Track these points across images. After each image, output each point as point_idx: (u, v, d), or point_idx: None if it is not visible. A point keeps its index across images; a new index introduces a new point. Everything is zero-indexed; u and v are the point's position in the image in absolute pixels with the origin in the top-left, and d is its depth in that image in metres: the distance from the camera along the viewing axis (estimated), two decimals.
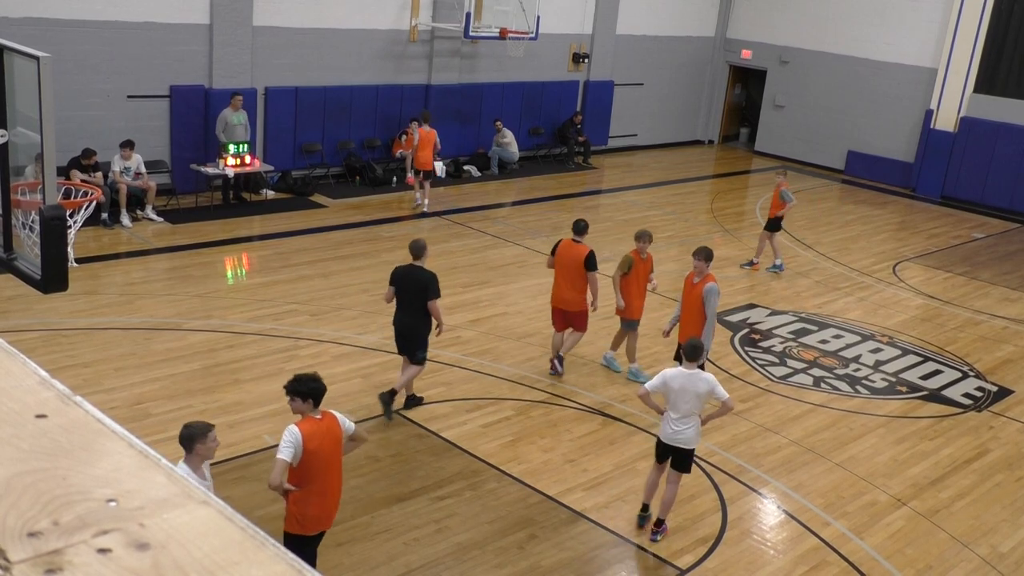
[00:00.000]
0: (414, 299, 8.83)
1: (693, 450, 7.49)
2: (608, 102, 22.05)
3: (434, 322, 8.91)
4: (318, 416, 5.90)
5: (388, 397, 8.95)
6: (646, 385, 7.52)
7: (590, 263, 9.79)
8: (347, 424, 6.06)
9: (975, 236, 18.25)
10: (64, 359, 9.46)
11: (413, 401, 9.26)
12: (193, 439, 5.40)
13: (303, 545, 5.98)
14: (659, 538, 7.49)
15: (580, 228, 9.95)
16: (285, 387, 6.01)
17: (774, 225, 14.47)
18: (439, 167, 18.54)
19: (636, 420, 9.44)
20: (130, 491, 0.98)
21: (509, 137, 19.36)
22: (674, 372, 7.38)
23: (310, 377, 5.96)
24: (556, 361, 10.13)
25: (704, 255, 9.09)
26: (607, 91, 21.96)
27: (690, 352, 7.37)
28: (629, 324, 10.32)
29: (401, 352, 9.11)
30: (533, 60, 19.60)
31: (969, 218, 19.65)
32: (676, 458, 7.43)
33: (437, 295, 8.83)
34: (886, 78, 21.74)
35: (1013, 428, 10.19)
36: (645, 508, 7.71)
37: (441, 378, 9.92)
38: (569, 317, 10.11)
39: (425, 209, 16.16)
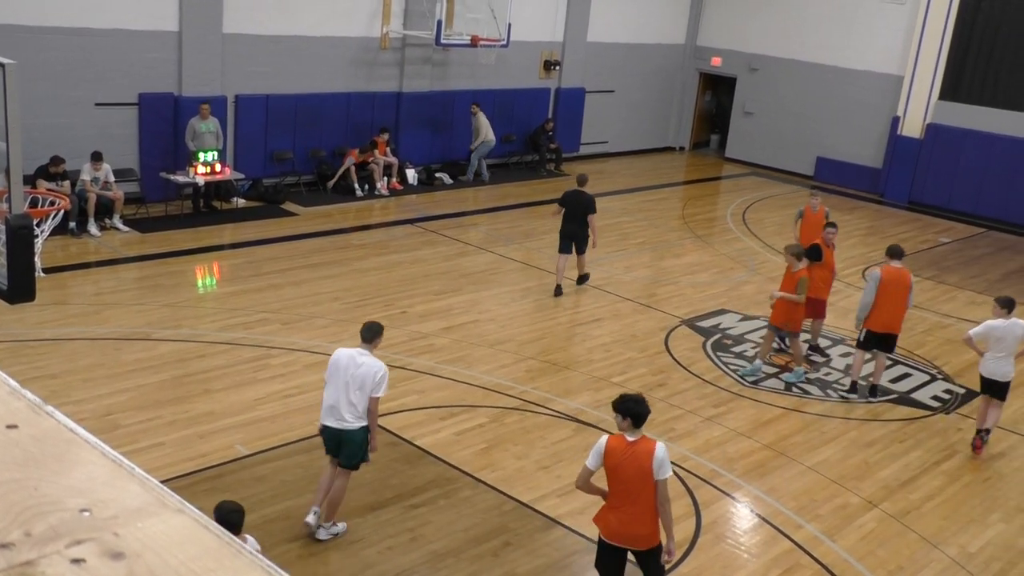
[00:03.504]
0: (579, 213, 12.52)
1: (1009, 383, 9.49)
2: (579, 109, 22.13)
3: (590, 232, 12.57)
4: (631, 439, 5.92)
5: (583, 279, 13.06)
6: (971, 332, 9.52)
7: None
8: (662, 468, 5.85)
9: (941, 240, 18.49)
10: (31, 370, 9.33)
11: (582, 280, 13.07)
12: None
13: (600, 549, 6.24)
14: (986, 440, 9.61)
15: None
16: (612, 403, 6.10)
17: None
18: (411, 174, 18.54)
19: (610, 426, 9.45)
20: (104, 500, 0.97)
21: (474, 123, 18.97)
22: (997, 323, 9.32)
23: (634, 399, 6.03)
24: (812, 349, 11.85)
25: (892, 252, 10.61)
26: (578, 98, 22.04)
27: (1008, 303, 9.37)
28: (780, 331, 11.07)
29: (566, 251, 12.72)
30: (504, 67, 19.64)
31: (935, 223, 19.91)
32: (996, 388, 9.48)
33: (595, 211, 12.59)
34: (854, 85, 21.99)
35: None
36: (980, 432, 9.60)
37: (414, 386, 9.90)
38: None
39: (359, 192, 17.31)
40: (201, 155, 14.79)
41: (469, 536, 7.39)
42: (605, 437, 6.09)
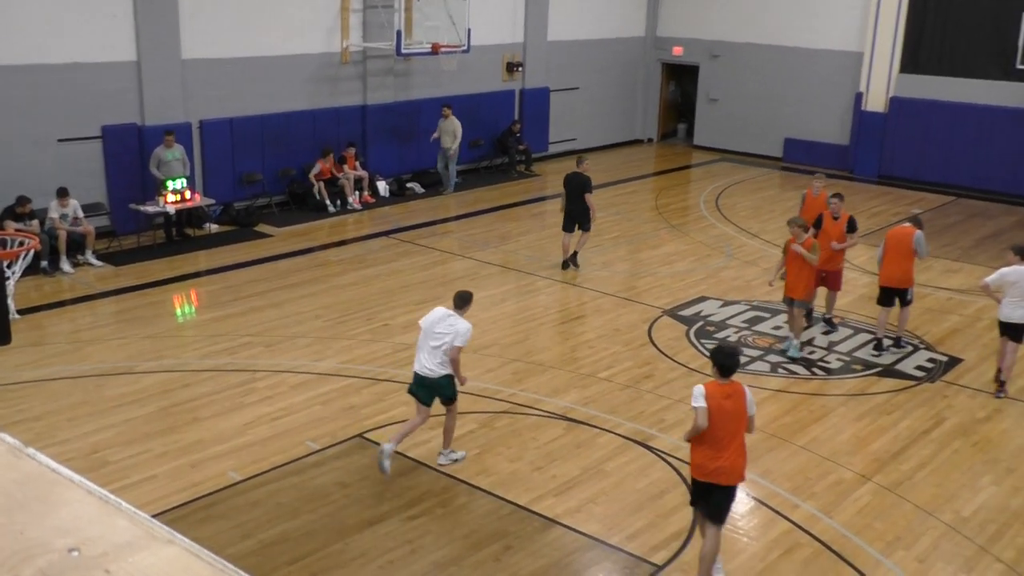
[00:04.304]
0: (576, 193, 13.71)
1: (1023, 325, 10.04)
2: (545, 108, 22.18)
3: (591, 208, 13.72)
4: (724, 383, 6.71)
5: (572, 260, 14.07)
6: (986, 279, 10.18)
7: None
8: (751, 405, 6.77)
9: (914, 212, 18.62)
10: (13, 414, 9.24)
11: (574, 262, 14.10)
12: None
13: (695, 489, 6.94)
14: (1001, 396, 10.24)
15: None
16: (711, 352, 6.98)
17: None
18: (382, 186, 18.52)
19: (600, 422, 9.47)
20: (92, 538, 0.97)
21: (452, 127, 18.58)
22: (1010, 269, 9.95)
23: (724, 352, 6.86)
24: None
25: (914, 221, 11.50)
26: (543, 98, 22.08)
27: (1021, 251, 9.93)
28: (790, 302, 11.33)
29: (567, 229, 13.93)
30: (467, 73, 19.65)
31: (906, 195, 20.07)
32: (1013, 330, 10.04)
33: (591, 191, 13.72)
34: (815, 64, 22.16)
35: (965, 395, 10.42)
36: (1000, 372, 10.38)
37: (402, 397, 9.86)
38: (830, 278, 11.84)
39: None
40: (169, 183, 14.69)
41: (469, 543, 7.38)
42: (701, 384, 6.75)
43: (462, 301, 8.44)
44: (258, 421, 9.28)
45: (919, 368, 11.10)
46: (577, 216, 13.85)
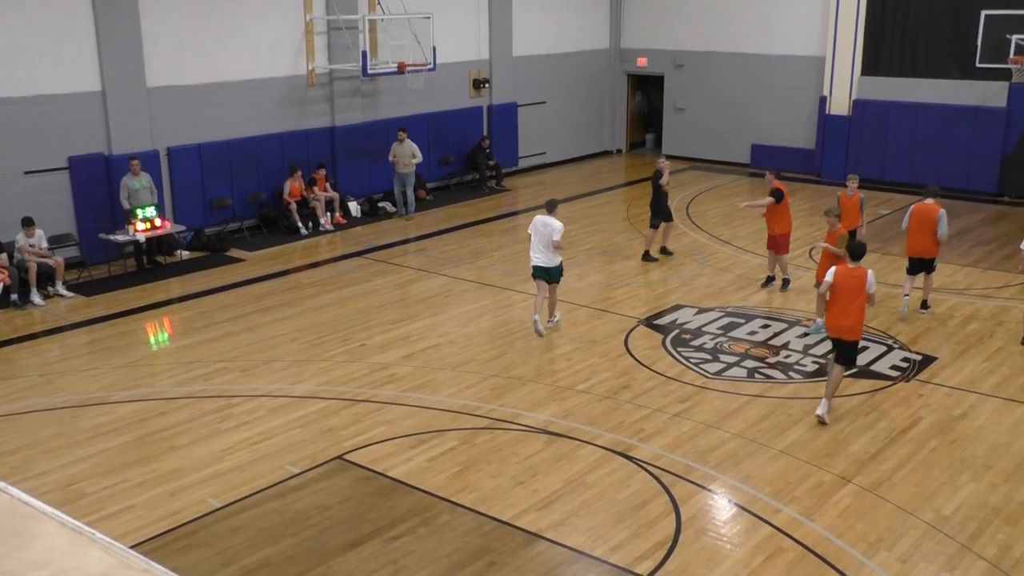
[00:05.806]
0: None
1: None
2: (513, 123, 22.26)
3: (661, 185, 15.28)
4: (852, 266, 9.41)
5: (662, 250, 15.68)
6: (1021, 245, 12.18)
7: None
8: (872, 285, 9.39)
9: (881, 213, 18.85)
10: None
11: (664, 251, 15.83)
12: None
13: (834, 343, 9.72)
14: None
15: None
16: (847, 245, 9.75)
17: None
18: (353, 207, 18.49)
19: (580, 435, 9.47)
20: (66, 570, 0.96)
21: (410, 149, 18.12)
22: None
23: (856, 244, 9.62)
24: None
25: (927, 191, 12.81)
26: (511, 113, 22.16)
27: None
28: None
29: (653, 226, 15.51)
30: (434, 91, 19.69)
31: (873, 196, 20.22)
32: None
33: (658, 180, 15.15)
34: (779, 70, 22.41)
35: (941, 393, 10.51)
36: None
37: (381, 417, 9.83)
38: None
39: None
40: (139, 211, 14.59)
41: (453, 561, 7.34)
42: (834, 267, 9.53)
43: (551, 206, 11.61)
44: (236, 447, 9.21)
45: (894, 368, 11.19)
46: (655, 210, 15.32)
